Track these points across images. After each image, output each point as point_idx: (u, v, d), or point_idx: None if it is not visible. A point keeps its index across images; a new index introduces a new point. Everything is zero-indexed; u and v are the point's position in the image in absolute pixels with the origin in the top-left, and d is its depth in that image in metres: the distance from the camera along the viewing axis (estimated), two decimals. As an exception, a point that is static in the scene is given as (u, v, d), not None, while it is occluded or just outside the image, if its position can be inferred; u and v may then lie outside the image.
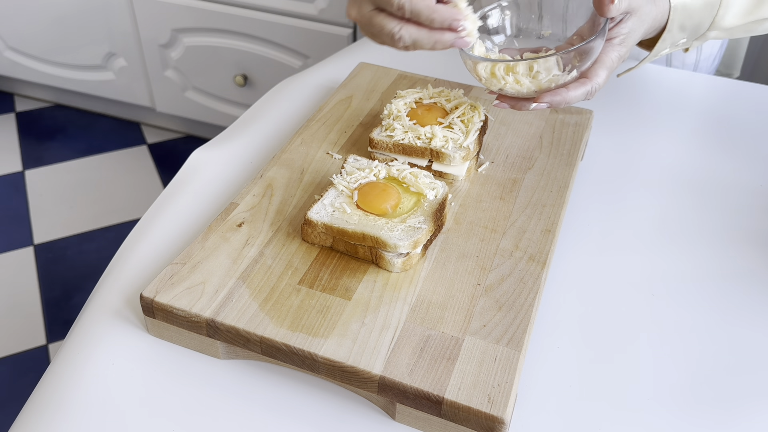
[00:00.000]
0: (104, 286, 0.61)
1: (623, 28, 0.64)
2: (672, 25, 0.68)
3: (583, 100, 0.62)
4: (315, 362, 0.51)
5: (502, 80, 0.63)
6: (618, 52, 0.64)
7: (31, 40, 2.06)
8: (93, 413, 0.51)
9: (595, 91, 0.63)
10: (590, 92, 0.62)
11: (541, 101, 0.62)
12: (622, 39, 0.64)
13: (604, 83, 0.63)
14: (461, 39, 0.58)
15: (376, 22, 0.57)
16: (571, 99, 0.62)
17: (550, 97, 0.61)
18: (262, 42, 1.79)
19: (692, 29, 0.70)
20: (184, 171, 0.74)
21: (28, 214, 1.88)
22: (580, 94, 0.62)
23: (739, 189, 0.76)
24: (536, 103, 0.62)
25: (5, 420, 1.37)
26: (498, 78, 0.63)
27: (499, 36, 0.70)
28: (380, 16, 0.58)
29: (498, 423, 0.48)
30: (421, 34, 0.57)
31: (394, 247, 0.57)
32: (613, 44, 0.63)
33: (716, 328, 0.60)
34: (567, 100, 0.62)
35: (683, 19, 0.68)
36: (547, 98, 0.61)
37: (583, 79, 0.62)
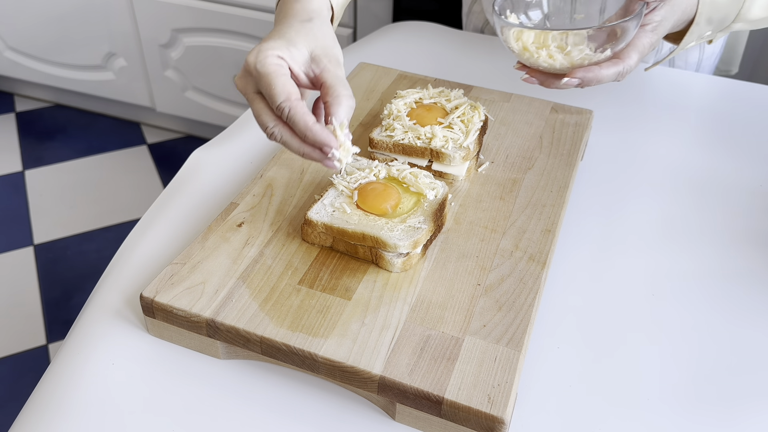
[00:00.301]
0: (104, 286, 0.61)
1: (656, 16, 0.65)
2: (700, 18, 0.69)
3: (613, 80, 0.63)
4: (315, 362, 0.51)
5: (535, 54, 0.63)
6: (650, 38, 0.65)
7: (31, 40, 2.06)
8: (93, 413, 0.51)
9: (626, 73, 0.64)
10: (621, 73, 0.63)
11: (574, 76, 0.62)
12: (654, 26, 0.65)
13: (635, 66, 0.64)
14: (329, 161, 0.56)
15: (255, 108, 0.56)
16: (603, 77, 0.63)
17: (582, 73, 0.62)
18: (262, 42, 1.79)
19: (718, 22, 0.71)
20: (184, 171, 0.74)
21: (28, 214, 1.88)
22: (612, 74, 0.63)
23: (740, 189, 0.76)
24: (568, 78, 0.63)
25: (5, 420, 1.37)
26: (531, 52, 0.64)
27: (535, 12, 0.71)
28: (260, 104, 0.56)
29: (498, 423, 0.48)
30: (293, 141, 0.56)
31: (394, 247, 0.57)
32: (645, 30, 0.65)
33: (717, 327, 0.60)
34: (599, 77, 0.62)
35: (711, 12, 0.69)
36: (580, 74, 0.62)
37: (616, 60, 0.63)
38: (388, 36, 1.03)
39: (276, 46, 0.55)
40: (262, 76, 0.54)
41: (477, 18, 1.08)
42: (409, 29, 1.06)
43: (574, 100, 0.86)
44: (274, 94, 0.53)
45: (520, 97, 0.82)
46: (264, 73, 0.54)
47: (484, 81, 0.92)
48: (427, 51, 0.99)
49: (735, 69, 1.13)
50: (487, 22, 1.07)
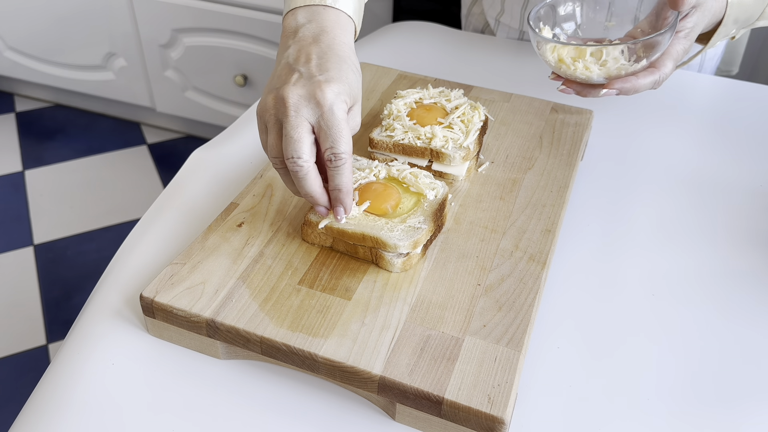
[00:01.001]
0: (104, 286, 0.61)
1: (689, 22, 0.67)
2: (728, 20, 0.70)
3: (650, 88, 0.66)
4: (315, 362, 0.51)
5: (571, 66, 0.66)
6: (683, 45, 0.67)
7: (31, 40, 2.06)
8: (93, 413, 0.51)
9: (662, 81, 0.66)
10: (657, 81, 0.66)
11: (612, 87, 0.65)
12: (687, 32, 0.67)
13: (670, 73, 0.66)
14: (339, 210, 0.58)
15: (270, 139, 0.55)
16: (640, 87, 0.65)
17: (620, 84, 0.65)
18: (262, 42, 1.79)
19: (744, 21, 0.73)
20: (184, 171, 0.74)
21: (28, 214, 1.88)
22: (649, 82, 0.65)
23: (739, 189, 0.76)
24: (606, 90, 0.65)
25: (5, 420, 1.37)
26: (567, 64, 0.66)
27: (569, 23, 0.73)
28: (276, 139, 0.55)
29: (498, 423, 0.48)
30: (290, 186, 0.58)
31: (394, 247, 0.57)
32: (679, 37, 0.67)
33: (717, 327, 0.60)
34: (636, 87, 0.65)
35: (738, 13, 0.70)
36: (618, 85, 0.65)
37: (652, 69, 0.65)
38: (388, 36, 1.03)
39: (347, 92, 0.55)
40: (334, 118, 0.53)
41: (477, 20, 1.08)
42: (409, 29, 1.06)
43: (575, 100, 0.86)
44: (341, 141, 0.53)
45: (520, 97, 0.82)
46: (338, 117, 0.53)
47: (484, 81, 0.92)
48: (427, 51, 0.99)
49: (735, 69, 1.14)
50: (487, 24, 1.07)
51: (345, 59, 0.56)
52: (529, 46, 1.00)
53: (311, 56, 0.55)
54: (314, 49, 0.56)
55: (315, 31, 0.57)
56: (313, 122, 0.54)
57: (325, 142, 0.54)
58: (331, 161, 0.54)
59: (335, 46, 0.57)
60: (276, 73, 0.57)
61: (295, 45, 0.57)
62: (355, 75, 0.56)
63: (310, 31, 0.57)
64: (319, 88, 0.53)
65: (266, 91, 0.56)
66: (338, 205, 0.57)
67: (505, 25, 1.02)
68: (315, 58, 0.55)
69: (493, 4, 1.01)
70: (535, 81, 0.91)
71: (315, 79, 0.54)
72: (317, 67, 0.55)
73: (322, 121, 0.53)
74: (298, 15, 0.59)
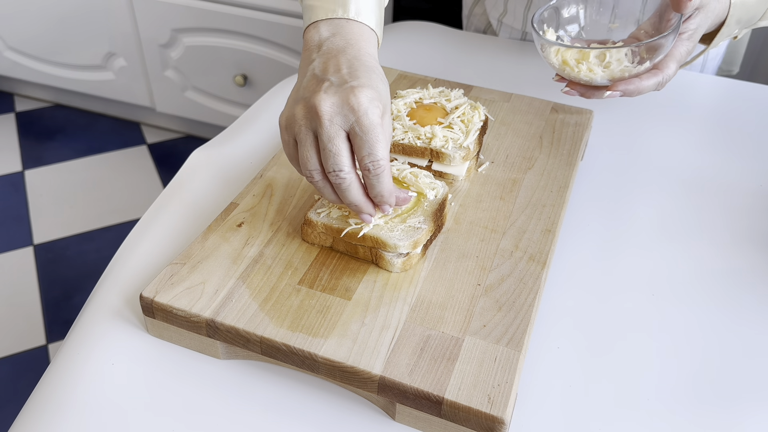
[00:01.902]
0: (104, 286, 0.61)
1: (692, 24, 0.67)
2: (731, 20, 0.71)
3: (653, 90, 0.66)
4: (315, 362, 0.51)
5: (575, 68, 0.66)
6: (686, 46, 0.67)
7: (31, 40, 2.06)
8: (93, 413, 0.51)
9: (666, 82, 0.66)
10: (661, 83, 0.66)
11: (616, 89, 0.65)
12: (690, 34, 0.67)
13: (674, 75, 0.67)
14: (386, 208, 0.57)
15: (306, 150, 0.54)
16: (644, 88, 0.66)
17: (624, 86, 0.65)
18: (262, 42, 1.79)
19: (747, 21, 0.73)
20: (184, 171, 0.74)
21: (28, 214, 1.88)
22: (652, 84, 0.66)
23: (739, 189, 0.76)
24: (610, 91, 0.66)
25: (5, 420, 1.37)
26: (571, 66, 0.66)
27: (572, 26, 0.73)
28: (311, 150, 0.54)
29: (498, 423, 0.48)
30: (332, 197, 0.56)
31: (394, 247, 0.57)
32: (682, 39, 0.67)
33: (717, 327, 0.60)
34: (640, 89, 0.66)
35: (741, 13, 0.71)
36: (621, 86, 0.65)
37: (656, 71, 0.66)
38: (388, 36, 1.03)
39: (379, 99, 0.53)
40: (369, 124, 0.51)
41: (478, 20, 1.08)
42: (409, 29, 1.06)
43: (575, 100, 0.86)
44: (378, 146, 0.52)
45: (520, 97, 0.82)
46: (373, 122, 0.51)
47: (484, 81, 0.92)
48: (427, 51, 0.99)
49: (736, 69, 1.14)
50: (489, 25, 1.07)
51: (373, 69, 0.55)
52: (529, 46, 1.00)
53: (341, 65, 0.54)
54: (342, 59, 0.55)
55: (340, 44, 0.56)
56: (347, 129, 0.52)
57: (361, 149, 0.52)
58: (369, 170, 0.53)
59: (362, 57, 0.55)
60: (302, 85, 0.55)
61: (321, 57, 0.55)
62: (384, 84, 0.55)
63: (335, 44, 0.56)
64: (352, 93, 0.51)
65: (291, 102, 0.54)
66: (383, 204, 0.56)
67: (507, 26, 1.02)
68: (344, 67, 0.54)
69: (496, 4, 1.01)
70: (535, 81, 0.91)
71: (347, 85, 0.52)
72: (348, 75, 0.53)
73: (357, 126, 0.52)
74: (321, 28, 0.57)
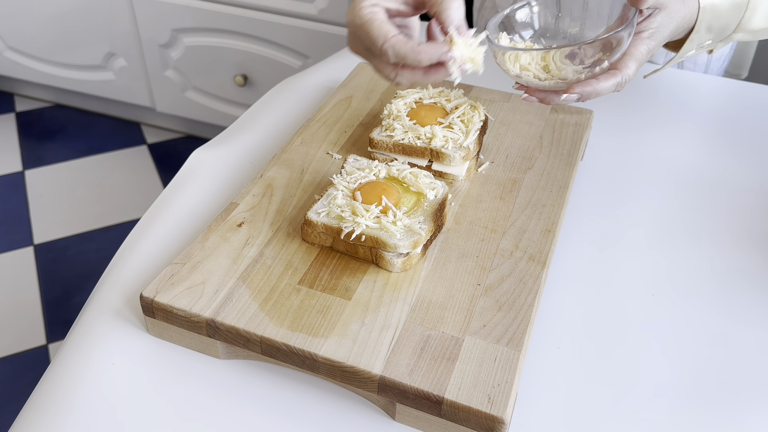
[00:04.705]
0: (104, 286, 0.61)
1: (653, 23, 0.65)
2: (700, 26, 0.69)
3: (613, 91, 0.63)
4: (315, 362, 0.51)
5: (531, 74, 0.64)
6: (647, 45, 0.65)
7: (31, 40, 2.06)
8: (93, 413, 0.51)
9: (625, 83, 0.64)
10: (620, 83, 0.63)
11: (572, 92, 0.63)
12: (651, 33, 0.65)
13: (633, 75, 0.64)
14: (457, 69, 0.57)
15: (374, 64, 0.58)
16: (602, 90, 0.63)
17: (580, 88, 0.62)
18: (262, 42, 1.79)
19: (719, 30, 0.71)
20: (184, 171, 0.74)
21: (28, 214, 1.88)
22: (611, 85, 0.63)
23: (739, 189, 0.76)
24: (567, 95, 0.63)
25: (5, 420, 1.37)
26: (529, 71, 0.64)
27: (527, 31, 0.71)
28: (375, 59, 0.58)
29: (498, 423, 0.48)
30: (416, 76, 0.57)
31: (394, 247, 0.57)
32: (642, 38, 0.65)
33: (716, 328, 0.60)
34: (597, 90, 0.62)
35: (711, 20, 0.69)
36: (578, 89, 0.62)
37: (613, 71, 0.63)
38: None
39: None
40: (359, 29, 0.55)
41: (489, 13, 1.08)
42: (409, 29, 1.05)
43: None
44: (373, 40, 0.55)
45: (520, 97, 0.82)
46: (360, 25, 0.55)
47: (484, 81, 0.92)
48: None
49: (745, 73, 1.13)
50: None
51: None
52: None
53: None
54: None
55: None
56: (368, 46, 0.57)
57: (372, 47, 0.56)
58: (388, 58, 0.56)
59: None
60: None
61: None
62: None
63: None
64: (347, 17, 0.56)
65: None
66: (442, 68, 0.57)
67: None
68: None
69: None
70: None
71: None
72: None
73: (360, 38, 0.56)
74: None
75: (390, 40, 0.55)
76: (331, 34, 1.70)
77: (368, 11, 0.56)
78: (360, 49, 0.59)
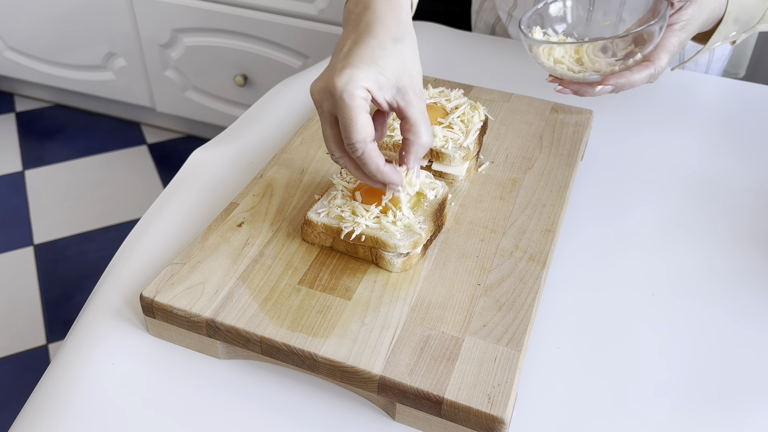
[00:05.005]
0: (104, 286, 0.61)
1: (684, 15, 0.66)
2: (728, 18, 0.70)
3: (646, 82, 0.65)
4: (315, 362, 0.51)
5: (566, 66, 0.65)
6: (678, 37, 0.66)
7: (31, 40, 2.06)
8: (93, 413, 0.51)
9: (658, 74, 0.65)
10: (653, 75, 0.65)
11: (607, 84, 0.64)
12: (682, 25, 0.66)
13: (666, 66, 0.65)
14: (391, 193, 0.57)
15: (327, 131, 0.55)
16: (636, 81, 0.64)
17: (615, 80, 0.64)
18: (262, 42, 1.79)
19: (744, 22, 0.72)
20: (184, 171, 0.74)
21: (28, 214, 1.88)
22: (644, 77, 0.64)
23: (739, 189, 0.76)
24: (601, 86, 0.64)
25: (5, 420, 1.37)
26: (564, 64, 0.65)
27: (560, 25, 0.73)
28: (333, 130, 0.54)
29: (498, 423, 0.48)
30: (357, 172, 0.56)
31: (394, 247, 0.57)
32: (673, 30, 0.66)
33: (717, 327, 0.60)
34: (631, 82, 0.64)
35: (738, 12, 0.70)
36: (612, 81, 0.64)
37: (646, 63, 0.64)
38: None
39: (367, 77, 0.52)
40: (344, 107, 0.51)
41: (488, 15, 1.08)
42: (409, 29, 1.05)
43: (575, 100, 0.86)
44: (351, 132, 0.52)
45: (520, 97, 0.82)
46: (348, 106, 0.51)
47: (484, 81, 0.92)
48: (427, 51, 0.99)
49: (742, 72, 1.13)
50: (498, 19, 1.06)
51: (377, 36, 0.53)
52: (529, 46, 1.00)
53: (346, 42, 0.54)
54: (351, 34, 0.55)
55: (360, 11, 0.56)
56: (333, 112, 0.53)
57: (342, 133, 0.53)
58: (352, 153, 0.54)
59: (372, 23, 0.54)
60: None
61: (344, 32, 0.56)
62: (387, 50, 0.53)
63: (356, 13, 0.56)
64: (331, 78, 0.52)
65: None
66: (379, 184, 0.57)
67: (517, 20, 1.02)
68: (348, 43, 0.54)
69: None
70: (535, 81, 0.91)
71: (334, 68, 0.52)
72: (345, 54, 0.53)
73: (336, 111, 0.52)
74: (349, 4, 0.58)
75: (367, 144, 0.52)
76: (331, 34, 1.70)
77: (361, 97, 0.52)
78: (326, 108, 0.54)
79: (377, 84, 0.52)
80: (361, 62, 0.52)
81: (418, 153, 0.56)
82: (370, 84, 0.52)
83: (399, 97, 0.54)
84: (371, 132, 0.53)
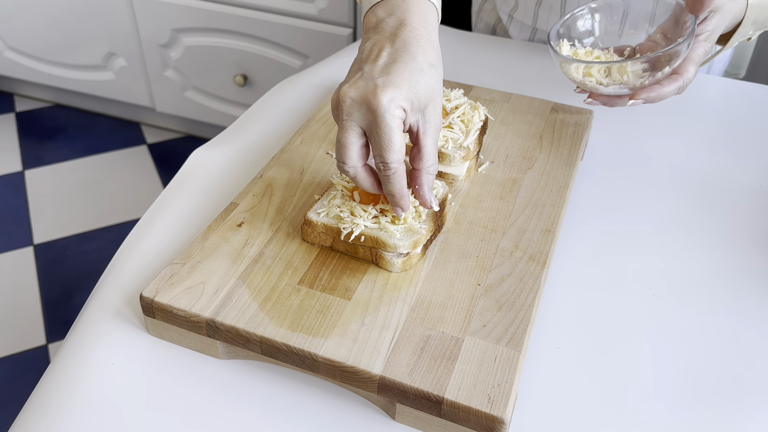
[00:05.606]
0: (104, 286, 0.61)
1: (708, 26, 0.68)
2: (747, 21, 0.71)
3: (675, 94, 0.67)
4: (315, 362, 0.51)
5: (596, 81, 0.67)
6: (704, 47, 0.68)
7: (31, 40, 2.06)
8: (93, 413, 0.51)
9: (686, 86, 0.67)
10: (681, 87, 0.67)
11: (638, 97, 0.66)
12: (707, 35, 0.68)
13: (693, 78, 0.67)
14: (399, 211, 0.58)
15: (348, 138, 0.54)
16: (665, 94, 0.66)
17: (645, 94, 0.66)
18: (262, 42, 1.79)
19: (762, 22, 0.74)
20: (184, 171, 0.74)
21: (28, 214, 1.88)
22: (673, 89, 0.66)
23: (739, 189, 0.76)
24: (633, 100, 0.66)
25: (5, 420, 1.37)
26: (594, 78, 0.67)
27: (588, 38, 0.74)
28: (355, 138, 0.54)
29: (498, 423, 0.48)
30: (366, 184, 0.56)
31: (394, 247, 0.57)
32: (699, 41, 0.68)
33: (716, 328, 0.60)
34: (661, 95, 0.66)
35: (757, 14, 0.72)
36: (643, 95, 0.66)
37: (675, 75, 0.66)
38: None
39: (406, 98, 0.52)
40: (384, 126, 0.51)
41: (489, 16, 1.08)
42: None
43: (575, 100, 0.86)
44: (388, 151, 0.52)
45: (520, 97, 0.82)
46: (388, 126, 0.51)
47: (484, 81, 0.92)
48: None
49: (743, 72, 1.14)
50: (499, 20, 1.06)
51: (416, 58, 0.53)
52: (530, 47, 1.00)
53: (382, 54, 0.54)
54: (387, 46, 0.54)
55: (395, 24, 0.55)
56: (364, 126, 0.53)
57: (374, 148, 0.53)
58: (380, 169, 0.54)
59: (411, 43, 0.54)
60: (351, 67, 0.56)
61: (374, 38, 0.55)
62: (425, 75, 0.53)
63: (390, 24, 0.55)
64: (373, 94, 0.51)
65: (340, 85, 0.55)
66: (395, 206, 0.57)
67: (518, 21, 1.02)
68: (385, 56, 0.53)
69: None
70: (535, 81, 0.91)
71: (372, 81, 0.52)
72: (382, 67, 0.53)
73: (373, 127, 0.52)
74: (378, 11, 0.57)
75: (401, 164, 0.53)
76: (331, 34, 1.70)
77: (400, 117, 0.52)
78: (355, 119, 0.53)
79: (411, 105, 0.53)
80: (403, 82, 0.52)
81: (429, 182, 0.57)
82: (407, 105, 0.52)
83: (421, 122, 0.55)
84: (404, 152, 0.54)
